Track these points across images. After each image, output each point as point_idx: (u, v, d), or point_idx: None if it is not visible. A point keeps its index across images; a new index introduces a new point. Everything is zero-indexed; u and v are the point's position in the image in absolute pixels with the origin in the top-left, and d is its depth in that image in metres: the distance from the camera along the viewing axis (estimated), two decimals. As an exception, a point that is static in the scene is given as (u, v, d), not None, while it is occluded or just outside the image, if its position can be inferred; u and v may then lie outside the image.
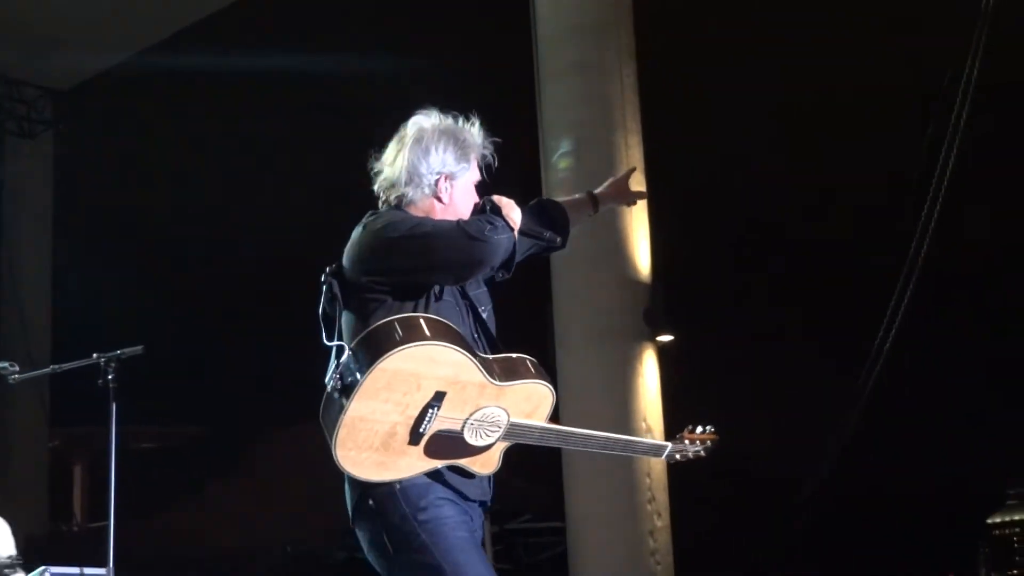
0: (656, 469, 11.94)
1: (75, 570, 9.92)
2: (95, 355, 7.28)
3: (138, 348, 7.04)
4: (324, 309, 4.95)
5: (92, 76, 15.08)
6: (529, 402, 4.75)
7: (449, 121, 5.02)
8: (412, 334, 4.44)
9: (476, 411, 4.56)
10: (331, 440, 4.59)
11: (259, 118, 14.40)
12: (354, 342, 4.61)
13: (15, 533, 14.53)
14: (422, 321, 4.53)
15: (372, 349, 4.48)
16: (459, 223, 4.76)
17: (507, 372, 4.67)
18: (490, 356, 4.72)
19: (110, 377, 7.12)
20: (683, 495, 12.11)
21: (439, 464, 4.61)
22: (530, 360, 4.82)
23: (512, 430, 4.66)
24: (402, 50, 13.68)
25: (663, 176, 12.51)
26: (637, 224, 12.26)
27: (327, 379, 4.69)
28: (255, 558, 13.50)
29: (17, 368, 7.72)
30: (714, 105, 13.45)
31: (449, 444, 4.57)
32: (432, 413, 4.47)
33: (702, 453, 5.39)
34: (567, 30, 12.46)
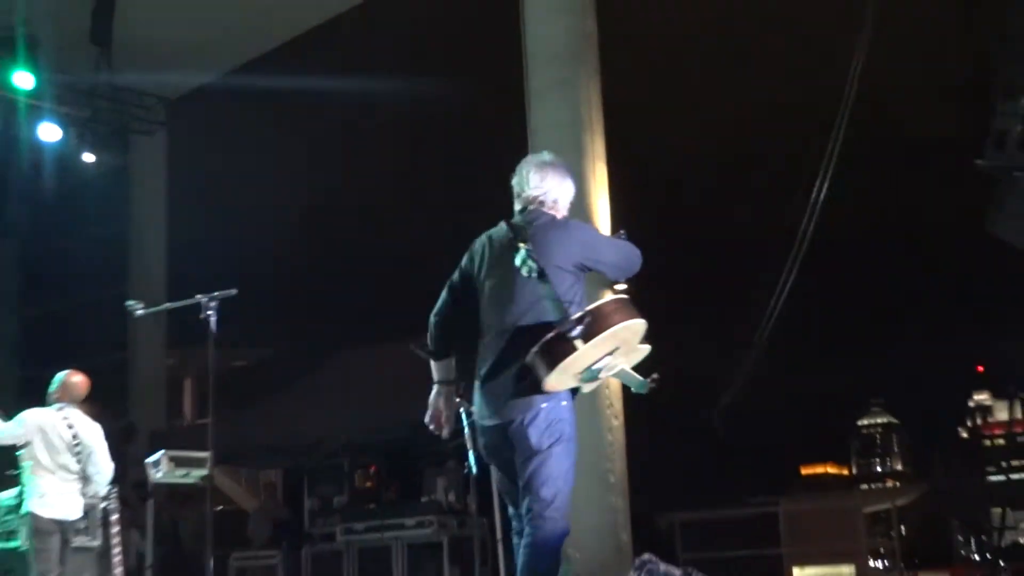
0: (613, 382, 11.98)
1: (185, 453, 9.95)
2: (198, 296, 7.27)
3: (231, 291, 7.03)
4: (497, 273, 5.11)
5: (195, 88, 15.02)
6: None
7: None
8: (636, 310, 4.87)
9: (619, 359, 4.88)
10: (554, 363, 4.74)
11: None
12: (592, 306, 4.75)
13: (143, 430, 14.61)
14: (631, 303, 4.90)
15: (618, 313, 4.77)
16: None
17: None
18: None
19: (210, 312, 7.12)
20: (634, 405, 12.15)
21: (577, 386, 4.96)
22: None
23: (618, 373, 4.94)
24: (437, 72, 13.60)
25: (618, 163, 12.53)
26: (599, 198, 12.31)
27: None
28: (319, 445, 13.53)
29: (142, 305, 7.71)
30: (654, 111, 13.41)
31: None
32: (608, 359, 4.81)
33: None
34: (549, 56, 12.53)
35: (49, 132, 13.28)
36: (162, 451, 10.27)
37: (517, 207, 5.37)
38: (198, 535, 12.89)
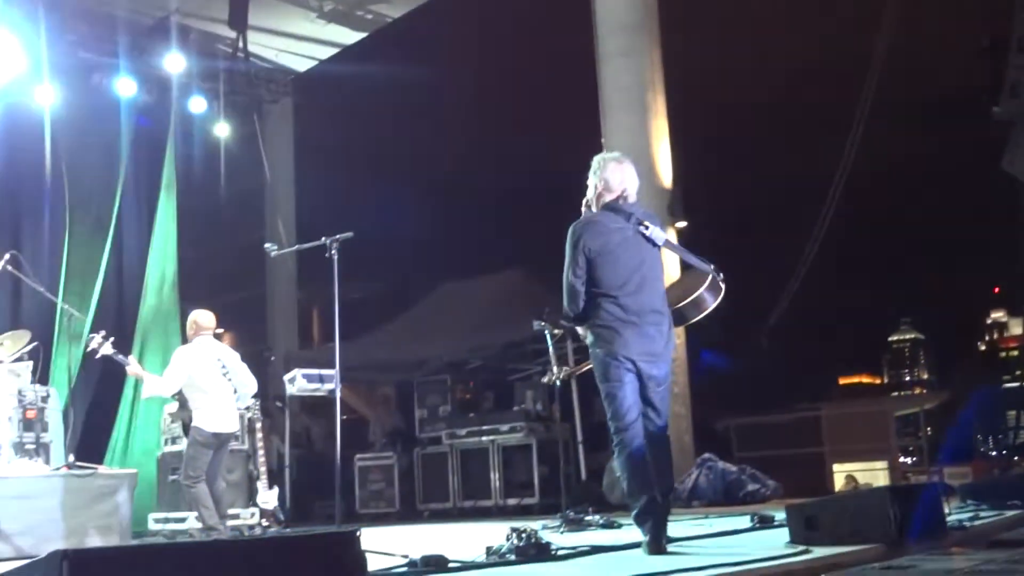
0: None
1: (315, 371, 10.08)
2: (323, 238, 7.33)
3: (349, 234, 7.07)
4: (627, 245, 5.36)
5: (316, 63, 15.04)
6: None
7: None
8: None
9: None
10: (716, 297, 5.59)
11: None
12: (713, 267, 5.55)
13: (280, 352, 14.85)
14: None
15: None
16: None
17: None
18: None
19: (333, 252, 7.16)
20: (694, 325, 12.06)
21: None
22: None
23: None
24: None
25: (678, 120, 12.36)
26: (662, 153, 12.18)
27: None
28: (426, 363, 13.63)
29: (276, 247, 7.81)
30: (709, 71, 13.16)
31: None
32: None
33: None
34: (616, 26, 12.37)
35: (196, 104, 13.43)
36: (296, 369, 10.43)
37: (611, 197, 5.48)
38: (327, 439, 13.14)
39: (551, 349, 8.69)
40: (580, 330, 5.60)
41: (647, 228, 5.39)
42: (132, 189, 13.01)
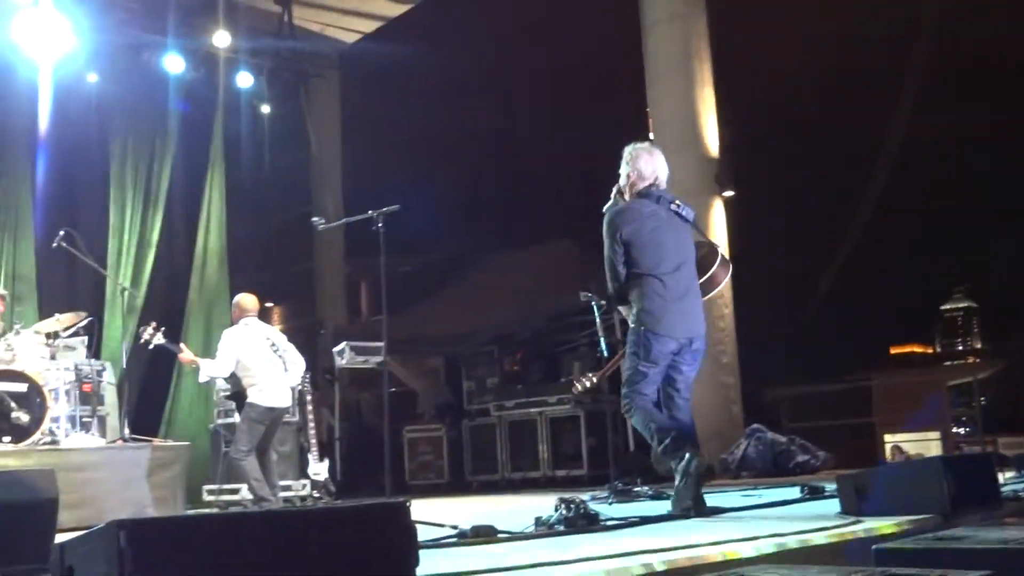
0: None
1: (364, 344, 10.17)
2: (370, 211, 7.35)
3: (396, 207, 7.08)
4: (667, 228, 5.61)
5: (361, 36, 15.04)
6: None
7: None
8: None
9: None
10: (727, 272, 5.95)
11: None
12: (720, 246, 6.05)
13: (328, 326, 14.97)
14: None
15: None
16: None
17: None
18: None
19: (380, 225, 7.18)
20: (743, 296, 12.02)
21: None
22: None
23: None
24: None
25: (724, 87, 12.24)
26: (708, 119, 12.08)
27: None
28: (473, 335, 13.68)
29: (323, 221, 7.85)
30: (756, 37, 12.95)
31: None
32: None
33: None
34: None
35: (243, 80, 13.51)
36: (345, 342, 10.52)
37: (644, 184, 5.71)
38: (376, 412, 13.28)
39: (598, 320, 8.68)
40: (623, 310, 5.77)
41: (678, 205, 5.66)
42: (181, 165, 13.15)
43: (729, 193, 12.12)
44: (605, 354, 8.67)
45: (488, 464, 12.64)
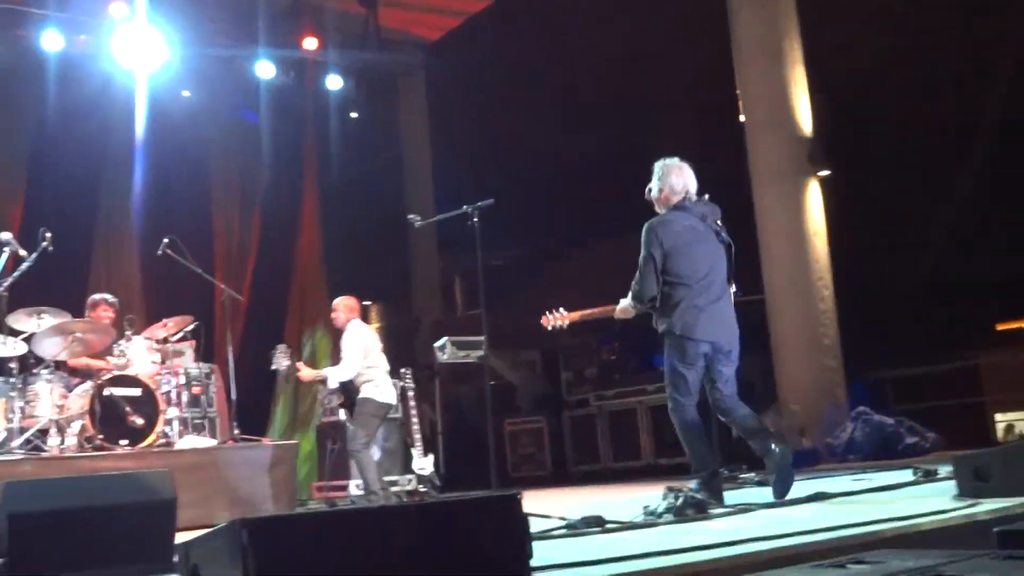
0: (822, 255, 11.67)
1: (465, 338, 10.25)
2: (464, 206, 7.40)
3: (490, 201, 7.11)
4: (704, 240, 6.11)
5: (447, 33, 15.09)
6: None
7: None
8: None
9: None
10: None
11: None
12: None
13: (425, 322, 15.12)
14: None
15: None
16: None
17: None
18: None
19: (475, 220, 7.23)
20: (845, 278, 11.82)
21: None
22: None
23: None
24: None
25: (816, 65, 12.02)
26: (800, 97, 11.88)
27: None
28: (566, 328, 13.63)
29: (419, 218, 7.93)
30: (845, 12, 12.63)
31: None
32: None
33: None
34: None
35: (332, 82, 13.70)
36: (446, 338, 10.60)
37: (677, 198, 6.18)
38: (476, 406, 13.34)
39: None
40: (655, 316, 6.24)
41: (722, 228, 6.19)
42: (275, 170, 13.41)
43: (824, 172, 11.91)
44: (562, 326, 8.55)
45: (590, 454, 12.64)
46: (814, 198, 11.81)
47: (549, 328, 6.96)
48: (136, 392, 8.46)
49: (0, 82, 11.26)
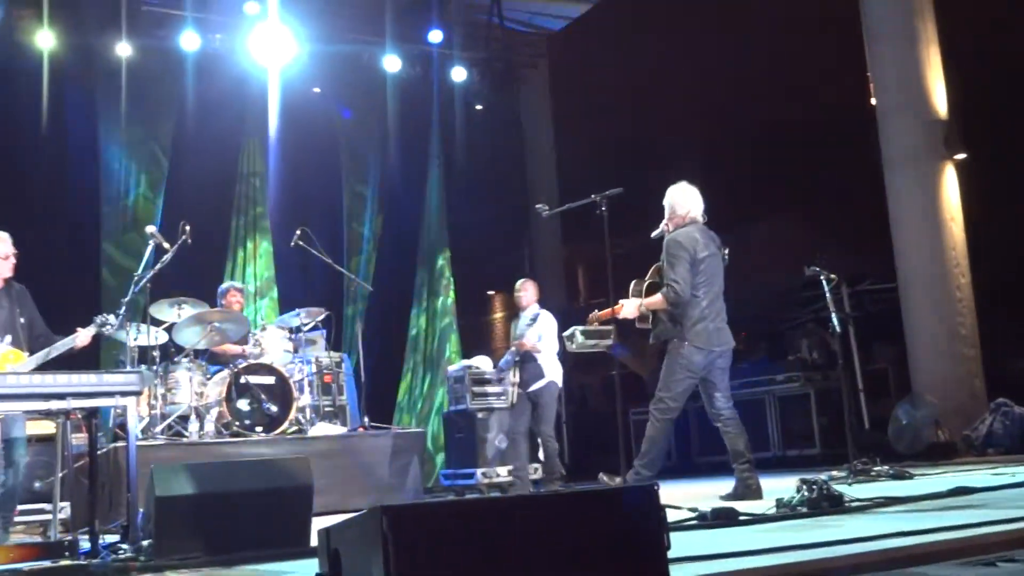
0: (959, 242, 11.27)
1: (594, 328, 10.20)
2: (592, 195, 7.36)
3: (619, 189, 7.06)
4: (714, 258, 6.88)
5: (568, 22, 15.05)
6: None
7: None
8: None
9: None
10: None
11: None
12: None
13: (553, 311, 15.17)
14: None
15: None
16: None
17: None
18: None
19: (603, 208, 7.19)
20: (982, 266, 11.39)
21: None
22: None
23: None
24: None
25: (951, 45, 11.59)
26: (934, 79, 11.48)
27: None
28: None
29: (546, 207, 7.93)
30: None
31: None
32: None
33: None
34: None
35: (457, 74, 13.80)
36: (575, 327, 10.59)
37: (694, 217, 6.95)
38: (601, 395, 13.32)
39: (828, 295, 8.42)
40: (666, 322, 6.83)
41: (727, 252, 6.95)
42: (402, 162, 13.59)
43: (960, 156, 11.49)
44: (837, 329, 8.41)
45: (716, 445, 12.44)
46: (950, 182, 11.41)
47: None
48: (270, 380, 8.69)
49: (141, 81, 11.66)
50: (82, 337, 6.58)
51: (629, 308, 7.07)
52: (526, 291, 9.39)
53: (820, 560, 3.36)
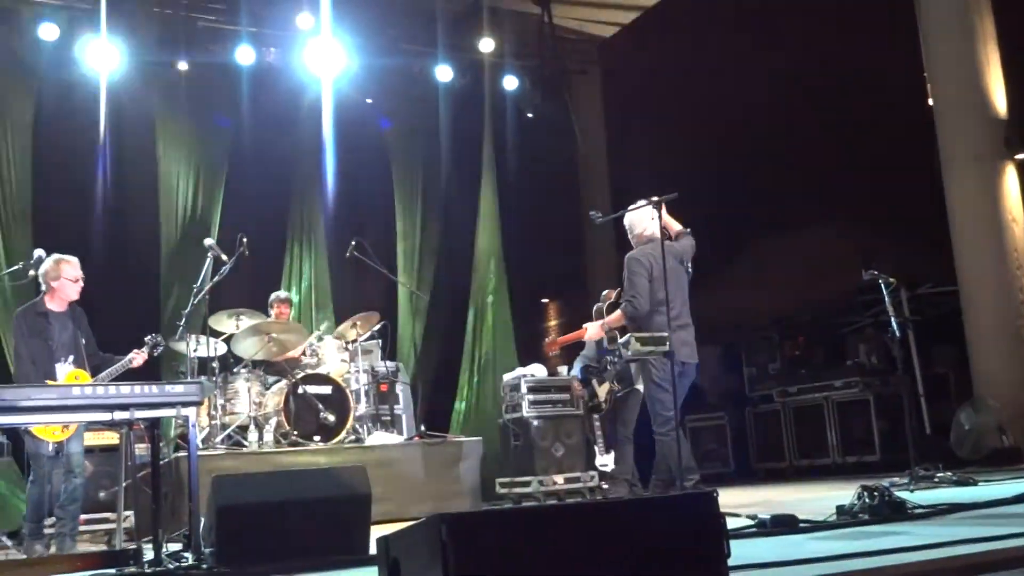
0: (1021, 243, 11.07)
1: (649, 334, 10.17)
2: (643, 201, 7.34)
3: (674, 194, 7.03)
4: (678, 269, 7.25)
5: (621, 28, 15.02)
6: None
7: None
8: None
9: None
10: None
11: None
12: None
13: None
14: None
15: None
16: None
17: None
18: None
19: (660, 215, 7.18)
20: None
21: None
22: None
23: None
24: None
25: (1011, 41, 11.39)
26: (994, 77, 11.29)
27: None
28: (751, 321, 13.43)
29: (600, 214, 7.92)
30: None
31: None
32: None
33: None
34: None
35: (509, 83, 13.83)
36: (629, 334, 10.55)
37: (651, 235, 7.28)
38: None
39: (887, 298, 8.32)
40: (630, 333, 6.99)
41: (690, 265, 7.34)
42: (455, 171, 13.65)
43: (1022, 155, 11.29)
44: (896, 334, 8.30)
45: (774, 452, 12.37)
46: (1011, 183, 11.22)
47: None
48: (327, 390, 8.78)
49: (197, 96, 11.84)
50: (138, 360, 6.82)
51: (592, 330, 7.40)
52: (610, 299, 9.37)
53: (883, 568, 3.31)
